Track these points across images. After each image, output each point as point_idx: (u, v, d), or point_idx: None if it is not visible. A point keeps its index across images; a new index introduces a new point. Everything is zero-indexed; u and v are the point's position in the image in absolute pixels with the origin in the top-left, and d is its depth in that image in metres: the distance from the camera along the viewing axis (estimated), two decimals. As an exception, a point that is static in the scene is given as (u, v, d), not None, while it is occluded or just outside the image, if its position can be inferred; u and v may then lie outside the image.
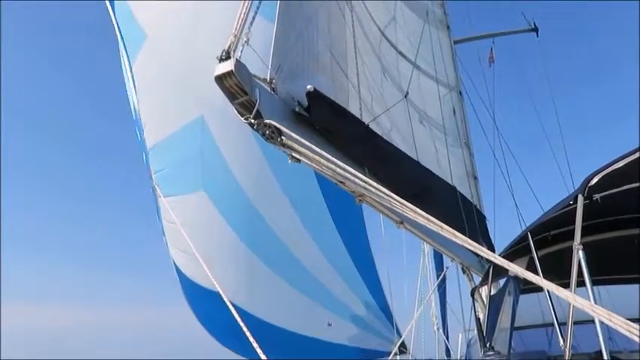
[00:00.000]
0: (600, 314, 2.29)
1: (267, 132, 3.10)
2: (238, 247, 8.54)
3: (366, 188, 2.99)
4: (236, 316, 4.06)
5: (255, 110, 3.08)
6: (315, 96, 3.93)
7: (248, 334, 3.60)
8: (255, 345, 3.45)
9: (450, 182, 7.05)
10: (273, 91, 3.47)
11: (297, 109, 3.77)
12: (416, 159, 6.14)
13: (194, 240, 7.82)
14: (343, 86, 4.90)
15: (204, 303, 8.74)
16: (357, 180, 2.88)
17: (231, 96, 3.16)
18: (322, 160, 2.96)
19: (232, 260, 8.53)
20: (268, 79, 3.51)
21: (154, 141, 7.95)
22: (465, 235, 2.60)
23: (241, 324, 3.81)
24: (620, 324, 2.20)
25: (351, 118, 4.65)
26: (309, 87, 3.91)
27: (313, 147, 3.01)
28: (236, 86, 3.07)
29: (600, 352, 2.71)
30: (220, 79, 3.05)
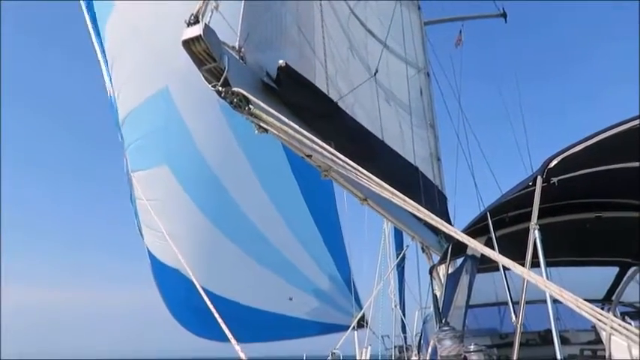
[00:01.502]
0: (552, 290, 2.37)
1: (235, 100, 3.04)
2: (201, 223, 8.42)
3: (333, 161, 2.99)
4: (202, 292, 4.01)
5: (223, 77, 3.01)
6: (286, 71, 3.88)
7: (216, 315, 3.55)
8: (220, 320, 3.42)
9: (413, 162, 7.14)
10: (242, 60, 3.41)
11: (265, 80, 3.72)
12: (381, 138, 6.18)
13: (163, 216, 7.72)
14: (310, 61, 4.86)
15: (168, 281, 8.69)
16: (324, 152, 2.87)
17: (199, 62, 3.08)
18: (290, 131, 2.93)
19: (195, 236, 8.41)
20: (237, 48, 3.43)
21: (124, 114, 7.74)
22: (439, 215, 2.64)
23: (207, 301, 3.77)
24: (570, 300, 2.29)
25: (321, 96, 4.63)
26: (280, 62, 3.85)
27: (281, 117, 2.98)
28: (204, 52, 3.00)
29: (549, 330, 2.82)
30: (188, 44, 2.97)
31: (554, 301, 2.58)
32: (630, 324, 2.91)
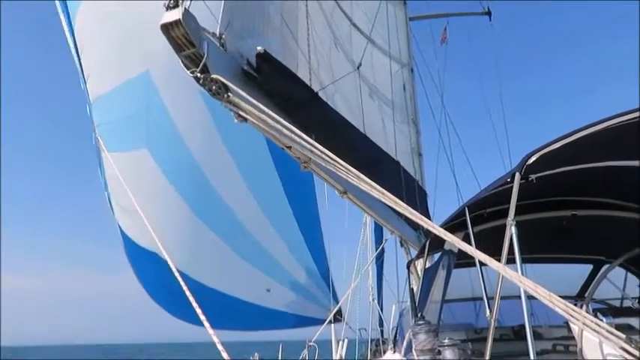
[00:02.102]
0: (527, 286, 2.39)
1: (214, 87, 2.99)
2: (181, 209, 8.37)
3: (312, 152, 2.96)
4: (178, 277, 3.96)
5: (202, 64, 2.96)
6: (265, 58, 3.83)
7: (192, 298, 3.50)
8: (195, 305, 3.37)
9: (395, 157, 7.15)
10: (222, 47, 3.35)
11: (245, 68, 3.67)
12: (363, 132, 6.17)
13: (138, 198, 7.63)
14: (292, 51, 4.82)
15: (144, 263, 8.60)
16: (303, 143, 2.84)
17: (178, 47, 3.02)
18: (269, 121, 2.89)
19: (174, 221, 8.38)
20: (218, 34, 3.38)
21: (97, 93, 7.59)
22: (417, 209, 2.64)
23: (183, 285, 3.71)
24: (544, 296, 2.31)
25: (301, 84, 4.59)
26: (259, 48, 3.80)
27: (260, 106, 2.93)
28: (183, 37, 2.94)
29: (523, 325, 2.84)
30: (167, 29, 2.90)
31: (529, 296, 2.59)
32: (602, 320, 2.96)
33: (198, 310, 3.27)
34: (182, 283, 3.65)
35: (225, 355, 2.70)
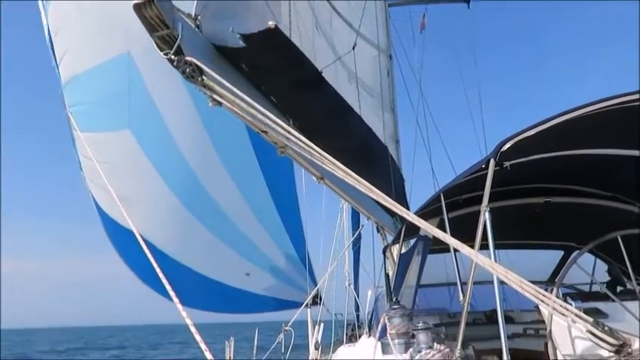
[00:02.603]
0: (499, 272, 2.42)
1: (188, 70, 2.92)
2: (162, 191, 8.33)
3: (288, 138, 2.93)
4: (150, 256, 3.89)
5: (175, 45, 2.89)
6: (275, 34, 3.72)
7: (163, 278, 3.44)
8: (168, 287, 3.32)
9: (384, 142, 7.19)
10: (198, 29, 3.28)
11: (231, 42, 3.56)
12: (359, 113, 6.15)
13: (116, 179, 7.58)
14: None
15: (124, 240, 8.55)
16: (278, 129, 2.81)
17: (151, 28, 2.94)
18: (243, 105, 2.85)
19: (155, 202, 8.36)
20: (193, 15, 3.30)
21: (72, 72, 7.42)
22: (390, 195, 2.64)
23: (155, 265, 3.65)
24: (515, 281, 2.34)
25: (306, 64, 4.48)
26: (270, 23, 3.68)
27: (235, 90, 2.89)
28: (157, 17, 2.85)
29: (495, 310, 2.89)
30: (139, 8, 2.82)
31: (501, 282, 2.63)
32: (571, 304, 3.03)
33: (168, 287, 3.21)
34: (153, 261, 3.58)
35: (198, 337, 2.68)
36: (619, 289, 4.17)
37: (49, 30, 7.15)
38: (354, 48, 6.35)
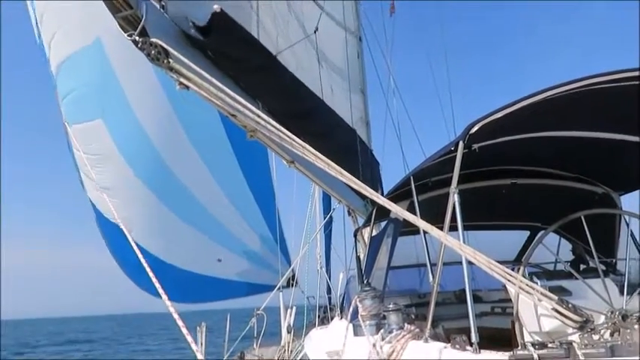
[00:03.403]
0: (467, 253, 2.46)
1: (153, 52, 2.85)
2: (131, 179, 8.23)
3: (257, 122, 2.89)
4: (136, 249, 3.84)
5: (140, 27, 2.80)
6: (220, 17, 3.66)
7: (150, 272, 3.40)
8: (155, 280, 3.29)
9: (351, 125, 7.18)
10: (163, 9, 3.19)
11: (191, 32, 3.51)
12: (322, 98, 6.13)
13: (94, 170, 7.49)
14: (246, 14, 4.64)
15: (108, 233, 8.54)
16: (247, 112, 2.77)
17: (114, 8, 2.85)
18: (212, 89, 2.79)
19: (125, 192, 8.25)
20: (158, -4, 3.21)
21: (57, 60, 7.25)
22: (360, 178, 2.64)
23: (142, 258, 3.60)
24: (483, 262, 2.38)
25: (258, 47, 4.44)
26: (215, 7, 3.62)
27: (203, 73, 2.83)
28: (120, -3, 2.77)
29: (464, 289, 2.94)
30: (101, -13, 2.73)
31: (470, 262, 2.67)
32: (537, 283, 3.10)
33: (158, 286, 3.19)
34: (141, 255, 3.55)
35: (181, 323, 2.67)
36: (582, 267, 4.29)
37: (36, 20, 7.06)
38: (315, 31, 6.29)
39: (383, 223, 5.46)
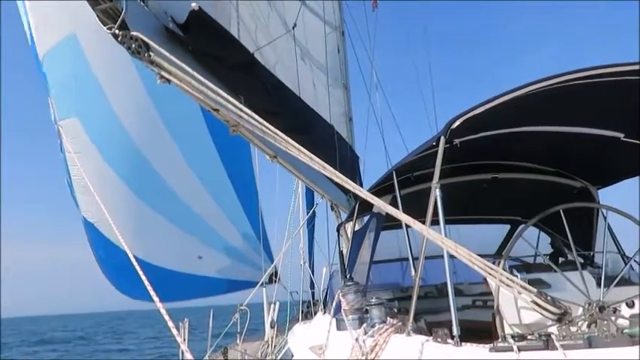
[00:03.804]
0: (449, 246, 2.48)
1: (133, 46, 2.81)
2: (110, 178, 8.11)
3: (240, 116, 2.88)
4: (129, 253, 3.78)
5: (120, 19, 2.76)
6: (198, 16, 3.64)
7: (142, 275, 3.35)
8: (146, 282, 3.25)
9: (329, 121, 7.18)
10: (143, 2, 3.15)
11: (170, 27, 3.48)
12: (298, 94, 6.12)
13: (74, 168, 7.36)
14: (225, 10, 4.62)
15: (89, 234, 8.42)
16: (230, 106, 2.75)
17: (93, 1, 2.80)
18: (194, 82, 2.77)
19: (103, 191, 8.10)
20: (139, -12, 3.17)
21: (43, 52, 7.11)
22: (340, 172, 2.64)
23: (133, 260, 3.54)
24: (464, 255, 2.41)
25: (236, 45, 4.42)
26: (193, 5, 3.60)
27: (184, 67, 2.80)
28: (99, -11, 2.73)
29: (445, 283, 2.96)
30: (79, -21, 2.68)
31: (451, 256, 2.70)
32: (517, 276, 3.14)
33: (148, 286, 3.16)
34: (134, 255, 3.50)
35: (167, 317, 2.65)
36: (561, 260, 4.36)
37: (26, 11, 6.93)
38: (293, 28, 6.29)
39: (366, 218, 5.47)
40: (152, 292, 2.97)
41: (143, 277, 3.19)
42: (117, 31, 2.80)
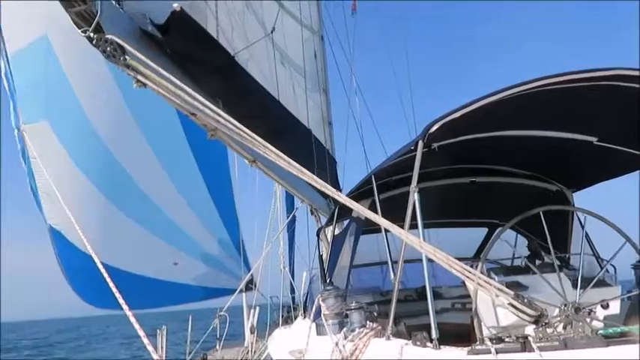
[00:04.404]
0: (427, 250, 2.49)
1: (109, 49, 2.76)
2: (82, 184, 7.95)
3: (217, 121, 2.85)
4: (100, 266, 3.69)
5: (95, 22, 2.71)
6: (180, 17, 3.60)
7: (110, 282, 3.27)
8: (113, 288, 3.18)
9: (307, 125, 7.16)
10: (119, 5, 3.10)
11: (149, 29, 3.44)
12: (277, 98, 6.10)
13: (41, 175, 7.18)
14: (201, 11, 4.58)
15: (55, 241, 8.19)
16: (207, 111, 2.73)
17: (67, 3, 2.75)
18: (170, 86, 2.74)
19: (74, 197, 7.93)
20: (114, -9, 3.13)
21: (12, 52, 6.93)
22: (319, 177, 2.63)
23: (102, 266, 3.46)
24: (442, 259, 2.42)
25: (217, 48, 4.40)
26: (175, 5, 3.57)
27: (161, 70, 2.76)
28: (73, -8, 2.68)
29: (425, 286, 2.98)
30: (53, -19, 2.64)
31: (430, 259, 2.71)
32: (494, 279, 3.17)
33: (117, 294, 3.10)
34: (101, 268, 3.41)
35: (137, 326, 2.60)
36: (537, 262, 4.41)
37: None
38: (272, 31, 6.27)
39: (345, 222, 5.48)
40: (121, 301, 2.91)
41: (111, 284, 3.11)
42: (91, 34, 2.75)
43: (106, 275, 3.34)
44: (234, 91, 4.73)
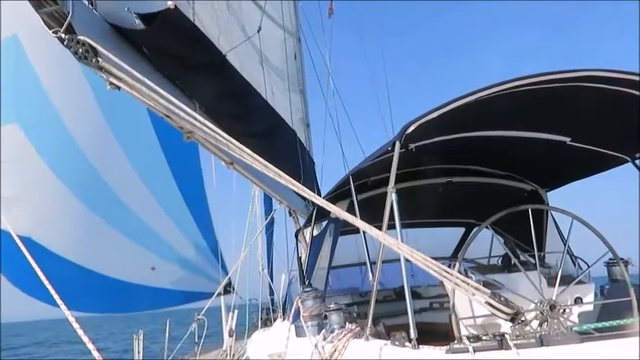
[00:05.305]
0: (404, 251, 2.50)
1: (81, 50, 2.70)
2: (53, 185, 7.77)
3: (193, 124, 2.82)
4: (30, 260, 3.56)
5: (66, 23, 2.66)
6: (174, 15, 3.55)
7: (44, 278, 3.12)
8: (47, 283, 3.05)
9: (291, 126, 7.17)
10: (92, 5, 3.04)
11: (136, 23, 3.37)
12: (265, 98, 6.09)
13: (8, 178, 6.99)
14: (186, 11, 4.53)
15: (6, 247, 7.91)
16: (182, 114, 2.69)
17: (37, 3, 2.69)
18: (144, 89, 2.69)
19: (49, 201, 7.77)
20: (86, -9, 3.06)
21: None
22: (300, 179, 2.63)
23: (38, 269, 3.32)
24: (419, 259, 2.44)
25: (208, 46, 4.34)
26: (170, 3, 3.52)
27: (134, 73, 2.71)
28: (43, -8, 2.62)
29: (403, 286, 2.99)
30: (22, -19, 2.58)
31: (407, 260, 2.72)
32: (471, 278, 3.21)
33: (52, 291, 2.99)
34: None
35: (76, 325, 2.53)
36: (513, 261, 4.47)
37: None
38: (259, 31, 6.24)
39: (324, 223, 5.47)
40: (56, 296, 2.81)
41: (43, 278, 2.99)
42: (63, 35, 2.69)
43: (26, 254, 3.19)
44: (218, 91, 4.69)
